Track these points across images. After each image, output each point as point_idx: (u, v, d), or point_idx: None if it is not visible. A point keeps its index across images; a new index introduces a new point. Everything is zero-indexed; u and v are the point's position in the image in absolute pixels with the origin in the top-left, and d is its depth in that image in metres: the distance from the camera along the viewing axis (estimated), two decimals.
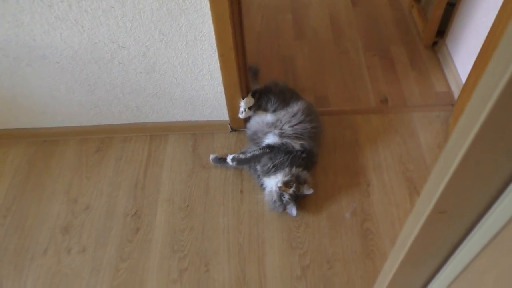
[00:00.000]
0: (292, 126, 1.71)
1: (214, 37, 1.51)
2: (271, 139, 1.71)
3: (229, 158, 1.75)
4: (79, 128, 1.93)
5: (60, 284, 1.53)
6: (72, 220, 1.70)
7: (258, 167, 1.70)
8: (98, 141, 1.95)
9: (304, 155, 1.68)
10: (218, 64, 1.62)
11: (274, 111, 1.78)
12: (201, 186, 1.78)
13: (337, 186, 1.75)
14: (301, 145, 1.68)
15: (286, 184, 1.58)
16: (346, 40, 2.35)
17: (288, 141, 1.68)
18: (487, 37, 1.58)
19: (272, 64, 2.26)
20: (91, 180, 1.82)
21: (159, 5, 1.40)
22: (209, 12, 1.43)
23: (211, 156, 1.82)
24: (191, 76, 1.68)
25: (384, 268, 0.74)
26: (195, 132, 1.95)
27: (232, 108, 1.83)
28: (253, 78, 2.03)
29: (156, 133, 1.96)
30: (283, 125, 1.72)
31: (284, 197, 1.58)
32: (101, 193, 1.78)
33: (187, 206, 1.72)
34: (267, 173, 1.66)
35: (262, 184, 1.71)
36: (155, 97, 1.78)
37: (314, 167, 1.76)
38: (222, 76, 1.67)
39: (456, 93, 2.00)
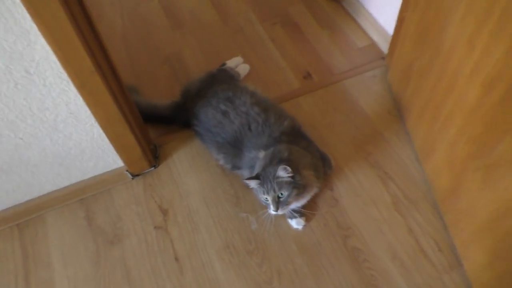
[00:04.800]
0: None
1: (57, 63, 0.95)
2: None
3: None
4: None
5: None
6: None
7: None
8: None
9: None
10: (81, 98, 1.06)
11: None
12: (118, 271, 1.23)
13: None
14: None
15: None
16: (236, 16, 1.90)
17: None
18: None
19: (155, 70, 1.73)
20: None
21: None
22: (35, 27, 0.87)
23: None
24: (45, 128, 1.10)
25: None
26: (82, 196, 1.37)
27: (125, 150, 1.29)
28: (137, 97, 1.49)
29: (24, 218, 1.34)
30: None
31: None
32: None
33: None
34: None
35: None
36: (0, 173, 1.16)
37: None
38: (94, 113, 1.12)
39: (381, 42, 1.68)
